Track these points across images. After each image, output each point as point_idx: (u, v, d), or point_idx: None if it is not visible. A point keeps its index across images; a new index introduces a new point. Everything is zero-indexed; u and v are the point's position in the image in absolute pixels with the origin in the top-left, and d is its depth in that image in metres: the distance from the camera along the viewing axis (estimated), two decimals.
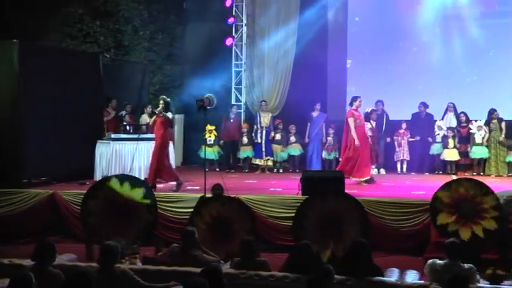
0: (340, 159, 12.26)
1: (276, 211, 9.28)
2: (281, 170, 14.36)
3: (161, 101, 10.81)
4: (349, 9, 15.28)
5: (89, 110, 12.01)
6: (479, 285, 5.65)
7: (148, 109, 13.26)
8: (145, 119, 13.19)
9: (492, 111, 13.36)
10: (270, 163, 14.28)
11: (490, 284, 5.86)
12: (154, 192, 8.87)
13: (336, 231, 7.63)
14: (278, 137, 14.31)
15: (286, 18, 15.15)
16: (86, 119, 11.83)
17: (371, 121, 12.64)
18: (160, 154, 10.59)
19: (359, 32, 15.28)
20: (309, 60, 14.75)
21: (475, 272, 5.85)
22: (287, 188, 10.63)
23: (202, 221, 8.04)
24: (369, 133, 12.17)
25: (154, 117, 10.92)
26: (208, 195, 8.98)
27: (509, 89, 14.05)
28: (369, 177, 11.66)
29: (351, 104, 11.87)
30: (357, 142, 11.48)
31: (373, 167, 12.56)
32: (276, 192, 10.54)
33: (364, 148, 11.63)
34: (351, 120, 11.61)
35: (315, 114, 14.17)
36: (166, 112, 10.75)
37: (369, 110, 12.86)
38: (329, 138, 14.06)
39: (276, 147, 14.30)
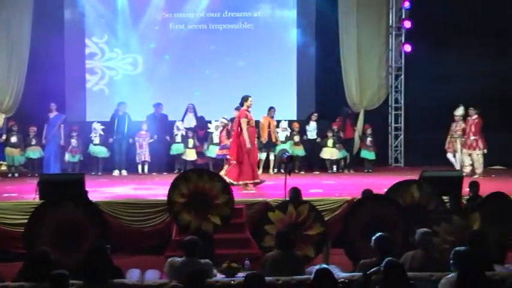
0: (232, 162, 11.23)
1: (10, 217, 8.86)
2: (17, 174, 13.60)
3: None
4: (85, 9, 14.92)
5: None
6: (215, 278, 5.88)
7: None
8: None
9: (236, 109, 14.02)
10: (3, 168, 13.44)
11: (226, 277, 6.13)
12: None
13: (75, 235, 7.42)
14: (14, 139, 13.54)
15: (17, 15, 14.30)
16: None
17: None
18: None
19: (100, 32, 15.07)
20: (45, 58, 14.13)
21: (212, 267, 6.08)
22: (23, 193, 10.16)
23: None
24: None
25: None
26: None
27: (237, 90, 14.80)
28: (259, 180, 11.21)
29: (242, 104, 11.12)
30: (248, 145, 10.80)
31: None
32: (10, 197, 9.98)
33: (254, 150, 11.15)
34: (243, 121, 10.88)
35: (51, 115, 13.63)
36: None
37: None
38: (73, 140, 13.67)
39: (13, 151, 13.51)
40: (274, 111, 13.97)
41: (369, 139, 14.66)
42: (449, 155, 13.77)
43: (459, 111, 13.61)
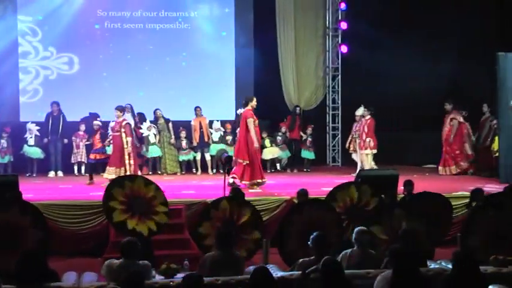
0: (244, 162, 10.84)
1: None
2: None
3: None
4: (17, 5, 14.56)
5: None
6: (154, 280, 5.83)
7: None
8: None
9: (155, 111, 13.93)
10: None
11: (165, 277, 6.09)
12: None
13: (13, 239, 7.24)
14: None
15: None
16: None
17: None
18: None
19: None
20: None
21: (150, 268, 6.02)
22: None
23: None
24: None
25: None
26: None
27: (175, 90, 14.83)
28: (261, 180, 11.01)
29: (246, 104, 10.91)
30: (256, 144, 10.66)
31: None
32: None
33: (258, 149, 10.99)
34: (250, 121, 10.66)
35: None
36: None
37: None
38: (2, 141, 13.32)
39: None
40: (201, 110, 13.89)
41: (308, 139, 14.78)
42: (354, 155, 13.90)
43: (359, 111, 13.74)
